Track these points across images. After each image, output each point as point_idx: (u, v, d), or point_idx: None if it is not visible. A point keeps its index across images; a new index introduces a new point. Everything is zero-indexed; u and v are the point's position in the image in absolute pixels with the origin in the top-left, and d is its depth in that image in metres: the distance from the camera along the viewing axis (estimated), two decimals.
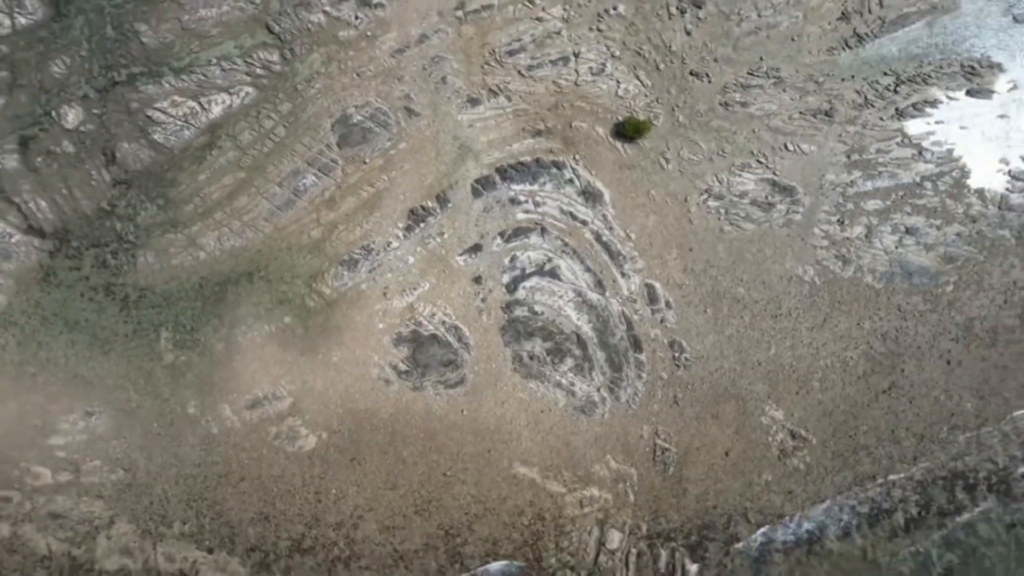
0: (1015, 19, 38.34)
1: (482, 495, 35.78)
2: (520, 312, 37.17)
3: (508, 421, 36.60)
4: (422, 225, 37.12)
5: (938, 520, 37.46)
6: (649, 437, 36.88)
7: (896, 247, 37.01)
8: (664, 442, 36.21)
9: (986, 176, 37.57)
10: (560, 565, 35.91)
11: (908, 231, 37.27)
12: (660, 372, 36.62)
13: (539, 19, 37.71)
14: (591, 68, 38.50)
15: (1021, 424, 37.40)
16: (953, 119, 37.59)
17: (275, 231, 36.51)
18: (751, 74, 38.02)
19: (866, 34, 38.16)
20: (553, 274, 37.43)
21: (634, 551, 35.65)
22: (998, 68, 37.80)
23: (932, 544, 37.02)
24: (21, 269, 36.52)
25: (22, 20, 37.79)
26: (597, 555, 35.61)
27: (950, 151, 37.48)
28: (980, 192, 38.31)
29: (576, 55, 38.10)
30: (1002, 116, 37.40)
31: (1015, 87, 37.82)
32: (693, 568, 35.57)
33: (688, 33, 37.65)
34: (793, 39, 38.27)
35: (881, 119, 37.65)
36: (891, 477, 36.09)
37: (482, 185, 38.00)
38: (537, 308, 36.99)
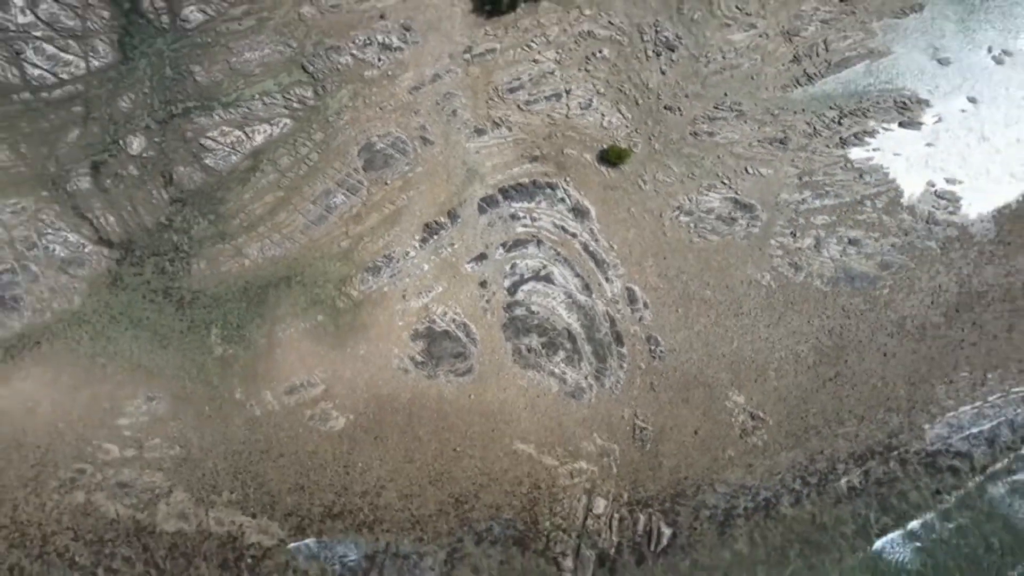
0: (939, 62, 42.90)
1: (487, 468, 40.29)
2: (519, 311, 41.77)
3: (509, 404, 41.05)
4: (435, 237, 41.81)
5: (876, 489, 42.29)
6: (629, 418, 41.24)
7: (840, 256, 42.36)
8: (642, 422, 40.94)
9: (916, 195, 42.36)
10: (554, 527, 40.45)
11: (851, 242, 42.23)
12: (639, 363, 41.59)
13: (535, 61, 42.47)
14: (580, 103, 43.33)
15: (946, 406, 42.18)
16: (888, 147, 42.50)
17: (310, 242, 41.02)
18: (717, 108, 43.00)
19: (814, 74, 43.13)
20: (547, 279, 42.22)
21: (617, 516, 40.39)
22: (925, 104, 42.70)
23: (870, 509, 41.89)
24: (92, 275, 40.90)
25: (95, 63, 41.84)
26: (585, 519, 40.17)
27: (886, 174, 42.59)
28: (911, 209, 43.27)
29: (567, 92, 42.92)
30: (929, 144, 42.32)
31: (939, 120, 42.65)
32: (667, 531, 40.10)
33: (663, 73, 42.60)
34: (753, 78, 43.25)
35: (827, 147, 42.67)
36: (836, 452, 40.50)
37: (487, 203, 42.85)
38: (534, 308, 41.69)
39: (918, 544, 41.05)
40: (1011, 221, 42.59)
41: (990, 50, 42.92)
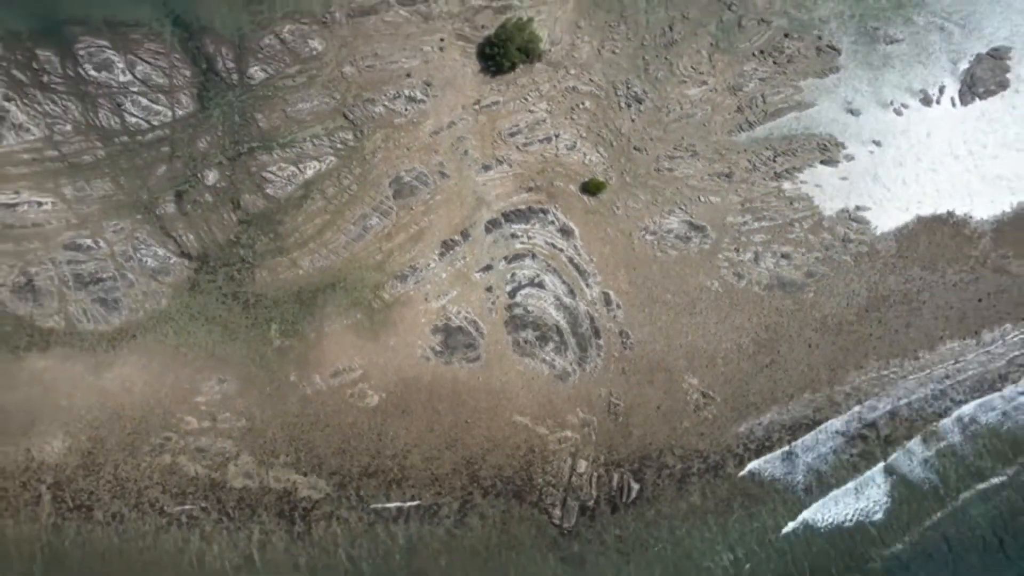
0: (851, 112, 48.21)
1: (492, 435, 46.01)
2: (517, 311, 47.19)
3: (509, 385, 46.50)
4: (451, 252, 47.22)
5: (803, 451, 49.03)
6: (605, 396, 46.78)
7: (774, 267, 47.76)
8: (615, 399, 46.60)
9: (834, 219, 47.98)
10: (545, 483, 46.01)
11: (783, 256, 47.82)
12: (613, 352, 47.13)
13: (531, 111, 48.00)
14: (566, 145, 48.31)
15: (858, 387, 47.85)
16: (812, 180, 48.14)
17: (351, 255, 46.75)
18: (675, 149, 48.11)
19: (754, 121, 48.55)
20: (540, 285, 47.57)
21: (595, 474, 46.27)
22: (841, 146, 48.33)
23: (798, 469, 47.67)
24: (176, 281, 46.39)
25: (179, 112, 47.06)
26: (570, 477, 45.89)
27: (810, 202, 48.20)
28: (830, 230, 48.36)
29: (556, 136, 48.16)
30: (843, 178, 48.06)
31: (852, 159, 48.16)
32: (636, 486, 45.96)
33: (632, 121, 48.18)
34: (704, 125, 48.44)
35: (764, 180, 48.21)
36: (771, 424, 46.54)
37: (492, 225, 48.25)
38: (529, 308, 47.18)
39: (841, 505, 47.90)
40: (908, 239, 48.01)
41: (891, 104, 48.02)
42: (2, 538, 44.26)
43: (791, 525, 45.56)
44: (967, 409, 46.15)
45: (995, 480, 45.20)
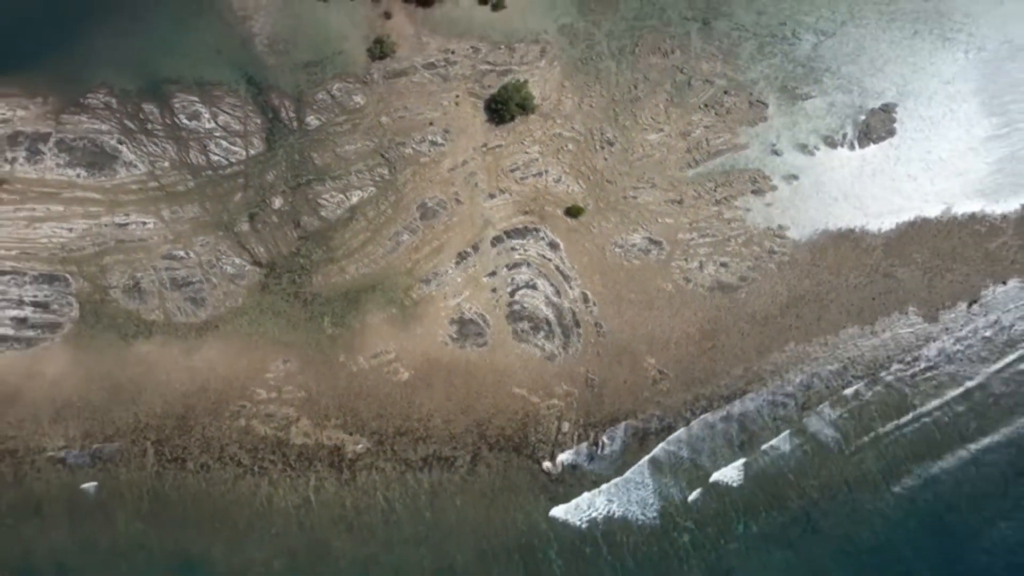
0: (775, 153, 55.86)
1: (496, 403, 52.57)
2: (516, 307, 54.24)
3: (510, 365, 53.22)
4: (465, 260, 54.61)
5: (738, 418, 53.31)
6: (583, 373, 53.44)
7: (715, 273, 54.84)
8: (591, 375, 53.30)
9: (761, 236, 55.02)
10: (537, 440, 52.05)
11: (722, 264, 54.66)
12: (589, 339, 53.78)
13: (526, 152, 55.98)
14: (553, 178, 56.03)
15: (780, 366, 53.49)
16: (744, 206, 55.34)
17: (387, 264, 54.19)
18: (638, 182, 55.72)
19: (700, 160, 56.00)
20: (534, 287, 54.53)
21: (576, 433, 52.39)
22: (767, 178, 55.79)
23: (734, 431, 54.51)
24: (250, 284, 53.63)
25: (251, 151, 54.92)
26: (557, 435, 52.51)
27: (743, 222, 55.32)
28: (759, 244, 54.91)
29: (546, 171, 56.09)
30: (768, 204, 55.25)
31: (776, 189, 55.50)
32: (607, 442, 51.99)
33: (605, 160, 55.89)
34: (661, 163, 56.09)
35: (707, 205, 55.43)
36: (712, 395, 53.33)
37: (496, 240, 55.26)
38: (525, 305, 54.20)
39: (767, 456, 54.25)
40: (819, 251, 55.35)
41: (806, 146, 56.31)
42: (118, 482, 50.87)
43: (727, 469, 52.15)
44: (863, 382, 53.49)
45: (884, 433, 52.63)
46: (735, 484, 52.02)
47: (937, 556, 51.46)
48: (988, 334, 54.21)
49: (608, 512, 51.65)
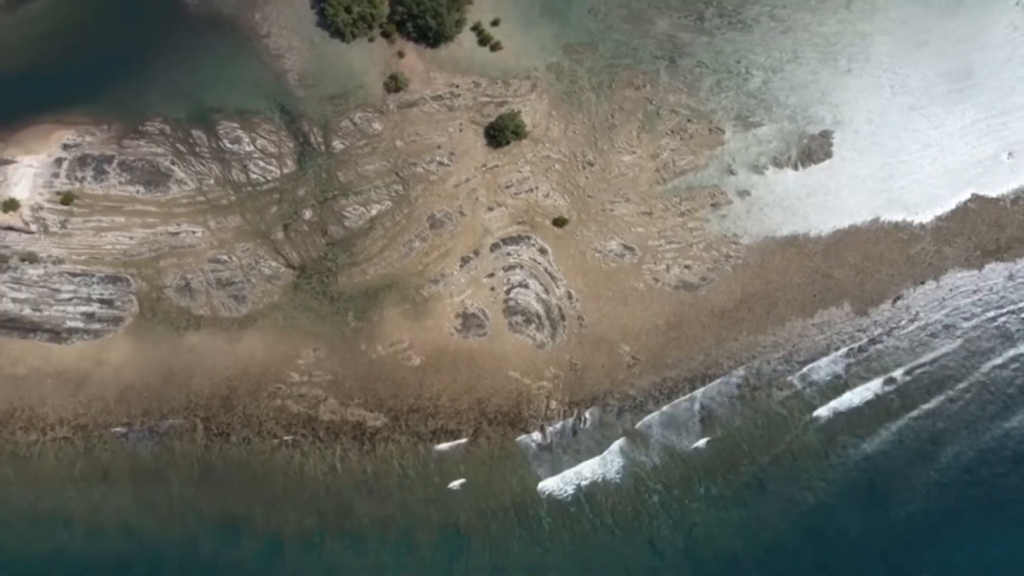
0: (730, 172, 61.26)
1: (494, 385, 57.56)
2: (511, 303, 59.08)
3: (506, 352, 58.21)
4: (468, 264, 59.54)
5: (700, 396, 58.35)
6: (568, 359, 58.30)
7: (680, 274, 59.90)
8: (575, 361, 58.23)
9: (719, 242, 60.13)
10: (529, 416, 56.78)
11: (686, 267, 59.31)
12: (573, 329, 58.68)
13: (520, 171, 61.56)
14: (543, 194, 61.25)
15: (734, 353, 58.57)
16: (704, 217, 60.70)
17: (401, 267, 59.32)
18: (615, 196, 60.96)
19: (668, 178, 61.42)
20: (526, 286, 59.42)
21: (562, 409, 57.56)
22: (724, 194, 61.23)
23: (695, 408, 59.74)
24: (284, 283, 58.74)
25: (285, 170, 60.30)
26: (545, 411, 57.39)
27: (704, 231, 60.16)
28: (717, 249, 59.96)
29: (536, 188, 61.28)
30: (723, 216, 60.38)
31: (731, 203, 60.76)
32: (589, 417, 57.24)
33: (586, 178, 61.29)
34: (634, 180, 61.55)
35: (673, 216, 60.50)
36: (678, 377, 58.33)
37: (494, 246, 60.15)
38: (519, 301, 59.05)
39: (724, 429, 59.88)
40: (768, 256, 60.40)
41: (756, 166, 61.69)
42: (172, 453, 55.94)
43: (689, 441, 57.06)
44: (805, 368, 58.94)
45: (823, 410, 58.37)
46: (697, 453, 57.48)
47: (866, 514, 57.04)
48: (910, 327, 61.38)
49: (589, 478, 57.04)
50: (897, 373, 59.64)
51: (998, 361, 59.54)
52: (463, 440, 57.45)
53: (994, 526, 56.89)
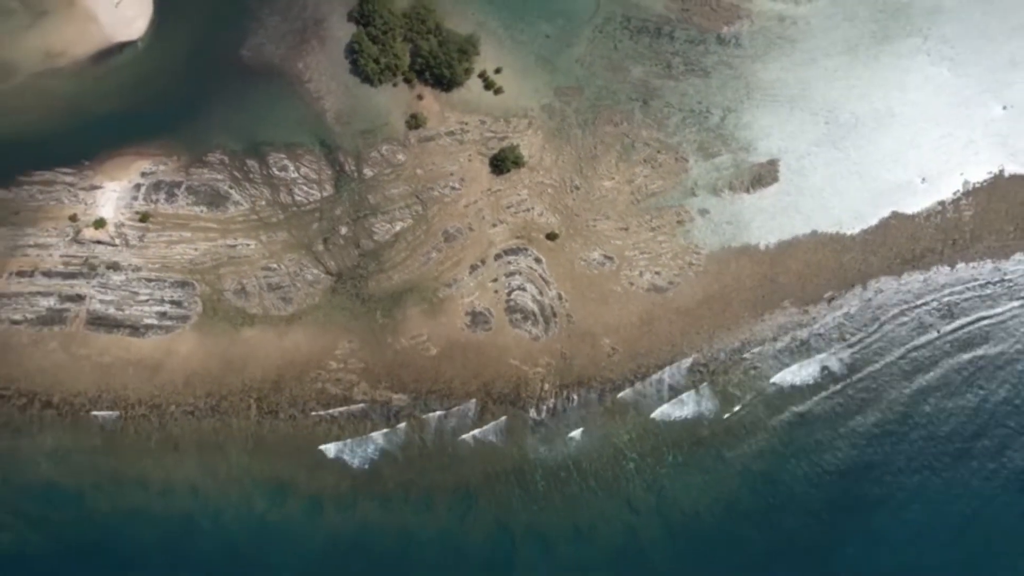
0: (694, 194, 66.80)
1: (498, 370, 62.88)
2: (511, 303, 64.29)
3: (508, 344, 63.48)
4: (476, 271, 64.83)
5: (667, 379, 65.58)
6: (559, 349, 63.70)
7: (652, 279, 65.10)
8: (564, 351, 63.52)
9: (683, 252, 66.82)
10: (527, 397, 62.20)
11: (656, 273, 64.76)
12: (563, 325, 64.04)
13: (518, 194, 66.99)
14: (537, 212, 66.62)
15: (696, 344, 64.39)
16: (671, 232, 66.23)
17: (421, 273, 64.73)
18: (597, 215, 66.35)
19: (640, 199, 66.74)
20: (524, 289, 64.60)
21: (554, 391, 63.02)
22: (688, 212, 66.64)
23: (664, 385, 66.63)
24: (323, 287, 64.21)
25: (324, 194, 66.30)
26: (540, 393, 62.93)
27: (672, 244, 65.88)
28: (682, 259, 65.26)
29: (532, 208, 66.70)
30: (688, 231, 65.88)
31: (693, 220, 66.34)
32: (576, 398, 62.83)
33: (574, 200, 66.77)
34: (612, 201, 66.92)
35: (646, 232, 65.98)
36: (648, 364, 63.66)
37: (497, 256, 65.31)
38: (518, 302, 64.30)
39: (687, 406, 65.46)
40: (725, 263, 65.53)
41: (715, 190, 67.26)
42: (230, 428, 61.77)
43: (658, 416, 63.15)
44: (754, 354, 65.13)
45: (768, 388, 64.53)
46: (665, 426, 63.32)
47: (806, 473, 63.49)
48: (841, 321, 67.54)
49: (576, 447, 63.05)
50: (830, 358, 66.08)
51: (913, 344, 66.61)
52: (472, 416, 63.28)
53: (910, 484, 64.83)
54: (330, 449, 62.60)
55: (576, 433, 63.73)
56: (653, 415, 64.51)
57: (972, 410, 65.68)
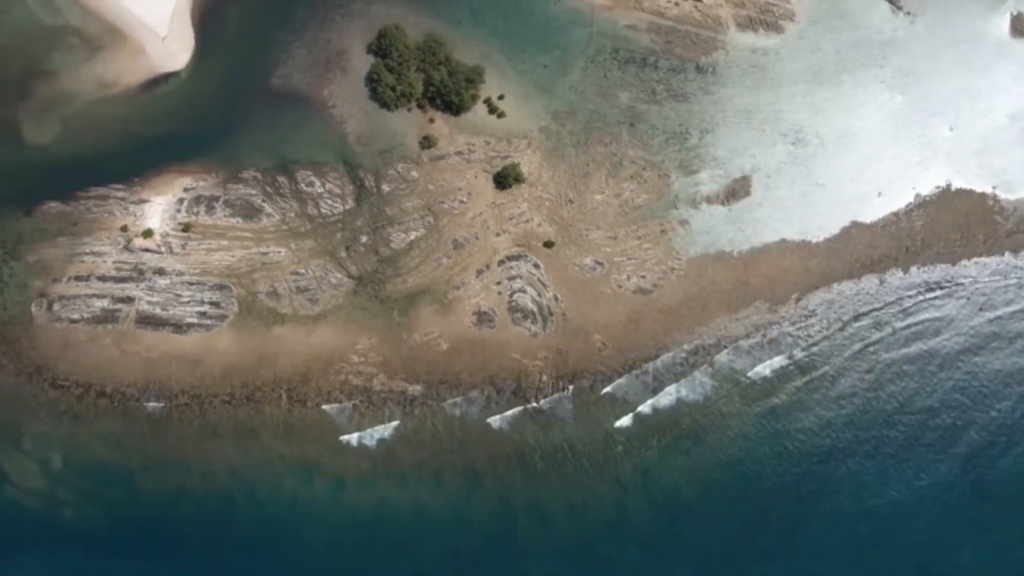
0: (675, 207, 73.46)
1: (501, 364, 65.99)
2: (513, 304, 67.25)
3: (510, 340, 66.49)
4: (481, 275, 67.64)
5: (652, 371, 70.85)
6: (555, 344, 66.80)
7: (638, 282, 68.20)
8: (560, 346, 66.51)
9: (666, 258, 69.89)
10: (527, 387, 65.53)
11: (641, 277, 67.40)
12: (559, 323, 66.82)
13: (519, 207, 69.32)
14: (536, 223, 69.05)
15: (676, 338, 69.87)
16: (654, 241, 68.92)
17: (433, 277, 67.48)
18: (589, 225, 69.00)
19: (628, 212, 69.10)
20: (524, 291, 67.43)
21: (551, 382, 66.08)
22: (669, 223, 69.85)
23: (649, 376, 75.28)
24: (346, 290, 67.02)
25: (347, 207, 69.25)
26: (539, 384, 66.21)
27: (656, 251, 68.85)
28: (664, 264, 68.83)
29: (531, 219, 69.39)
30: (670, 239, 69.40)
31: (674, 230, 71.15)
32: (570, 387, 65.73)
33: (569, 212, 69.16)
34: (603, 213, 69.51)
35: (633, 240, 68.66)
36: (635, 357, 66.85)
37: (500, 262, 67.99)
38: (519, 302, 67.24)
39: (671, 395, 72.26)
40: (702, 269, 68.75)
41: (694, 202, 70.09)
42: (263, 415, 65.12)
43: (645, 405, 66.32)
44: (730, 349, 68.81)
45: (743, 379, 68.21)
46: (650, 414, 67.04)
47: (775, 456, 67.73)
48: (808, 319, 71.84)
49: (571, 432, 66.98)
50: (797, 352, 70.02)
51: (871, 339, 71.05)
52: (478, 404, 67.11)
53: (869, 466, 69.86)
54: (352, 434, 66.47)
55: (571, 420, 67.18)
56: (639, 404, 68.02)
57: (923, 397, 70.40)
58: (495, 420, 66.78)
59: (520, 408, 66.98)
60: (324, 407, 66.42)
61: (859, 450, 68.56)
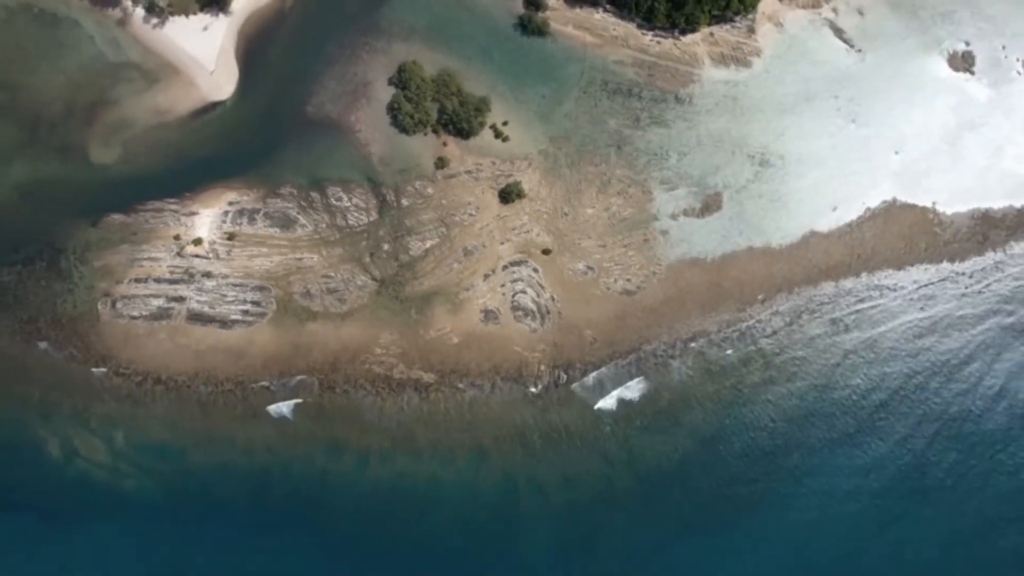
0: (656, 219, 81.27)
1: (505, 356, 69.51)
2: (515, 303, 70.91)
3: (512, 335, 69.89)
4: (488, 278, 70.85)
5: (636, 361, 78.38)
6: (552, 339, 70.56)
7: (624, 284, 71.77)
8: (556, 340, 70.18)
9: (648, 264, 74.64)
10: (527, 375, 70.27)
11: (627, 279, 71.13)
12: (555, 320, 70.48)
13: (521, 219, 72.50)
14: (536, 233, 72.13)
15: (657, 333, 79.11)
16: (639, 248, 73.26)
17: (446, 280, 70.64)
18: (581, 235, 72.21)
19: (616, 224, 72.24)
20: (525, 292, 70.79)
21: (548, 372, 70.25)
22: (652, 233, 78.03)
23: (633, 366, 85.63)
24: (370, 291, 70.24)
25: (370, 218, 72.25)
26: (538, 372, 70.01)
27: (641, 258, 72.47)
28: (648, 268, 78.55)
29: (532, 229, 72.64)
30: (652, 247, 78.25)
31: (656, 239, 79.06)
32: (564, 377, 69.69)
33: (564, 223, 72.61)
34: (594, 225, 72.79)
35: (620, 248, 72.33)
36: (623, 351, 70.99)
37: (504, 267, 71.38)
38: (520, 302, 70.73)
39: (652, 382, 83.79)
40: (680, 272, 73.38)
41: (673, 214, 74.96)
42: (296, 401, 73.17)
43: (628, 390, 70.47)
44: (702, 342, 73.94)
45: (714, 368, 73.31)
46: (634, 398, 71.64)
47: (743, 435, 73.12)
48: (772, 317, 77.50)
49: (565, 415, 71.76)
50: (762, 344, 74.55)
51: (825, 332, 76.90)
52: (485, 390, 71.65)
53: (822, 435, 74.40)
54: (375, 415, 70.91)
55: (565, 404, 71.49)
56: (624, 389, 72.62)
57: (867, 381, 76.87)
58: (500, 404, 70.74)
59: (521, 394, 71.08)
60: (351, 392, 70.93)
61: (813, 424, 74.41)
